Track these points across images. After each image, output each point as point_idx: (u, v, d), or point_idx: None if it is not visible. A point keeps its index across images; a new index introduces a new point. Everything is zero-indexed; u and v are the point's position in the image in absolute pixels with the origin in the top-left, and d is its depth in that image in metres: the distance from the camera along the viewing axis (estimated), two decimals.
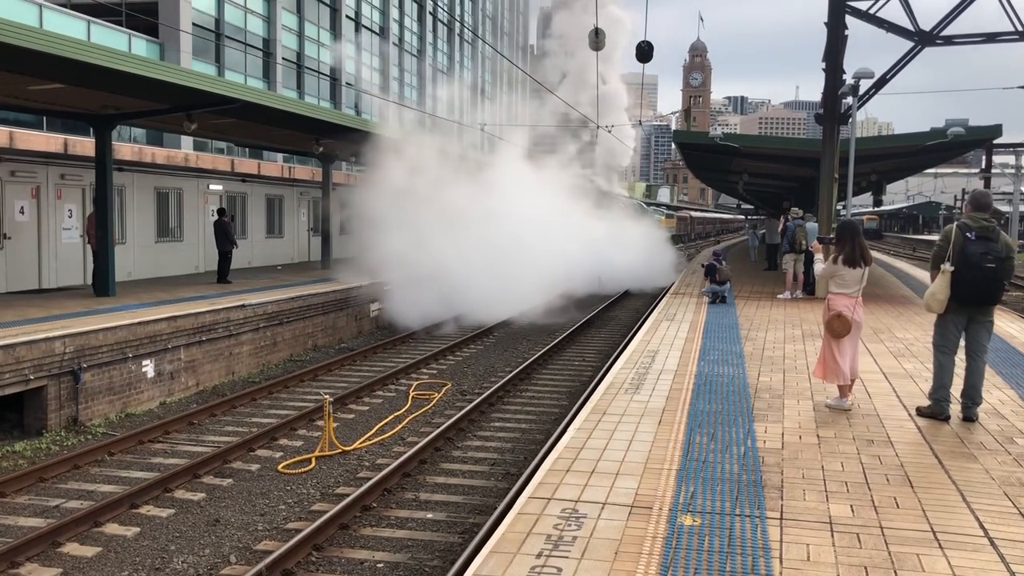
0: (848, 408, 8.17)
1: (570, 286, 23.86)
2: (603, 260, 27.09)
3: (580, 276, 24.96)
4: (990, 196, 7.87)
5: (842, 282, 8.16)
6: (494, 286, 19.81)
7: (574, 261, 24.28)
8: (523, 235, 21.12)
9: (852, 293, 8.13)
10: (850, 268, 8.08)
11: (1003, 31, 18.51)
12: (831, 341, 8.14)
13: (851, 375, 8.21)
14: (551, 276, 22.21)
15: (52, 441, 10.81)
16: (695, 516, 5.31)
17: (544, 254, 21.67)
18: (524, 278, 20.53)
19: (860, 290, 8.19)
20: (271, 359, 16.09)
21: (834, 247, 8.34)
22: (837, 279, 8.18)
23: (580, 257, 24.93)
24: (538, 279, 21.24)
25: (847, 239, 8.18)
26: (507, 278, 20.05)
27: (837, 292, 8.18)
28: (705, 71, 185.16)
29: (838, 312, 8.05)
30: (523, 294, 20.60)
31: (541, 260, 21.41)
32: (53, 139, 18.44)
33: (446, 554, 7.25)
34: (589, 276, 25.90)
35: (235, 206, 23.72)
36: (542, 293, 21.41)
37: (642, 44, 22.00)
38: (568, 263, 23.62)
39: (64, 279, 17.45)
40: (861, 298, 8.22)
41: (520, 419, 11.94)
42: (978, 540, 4.98)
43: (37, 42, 10.37)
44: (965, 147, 29.92)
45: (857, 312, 8.12)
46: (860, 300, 8.20)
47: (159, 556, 7.31)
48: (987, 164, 47.55)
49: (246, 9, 32.10)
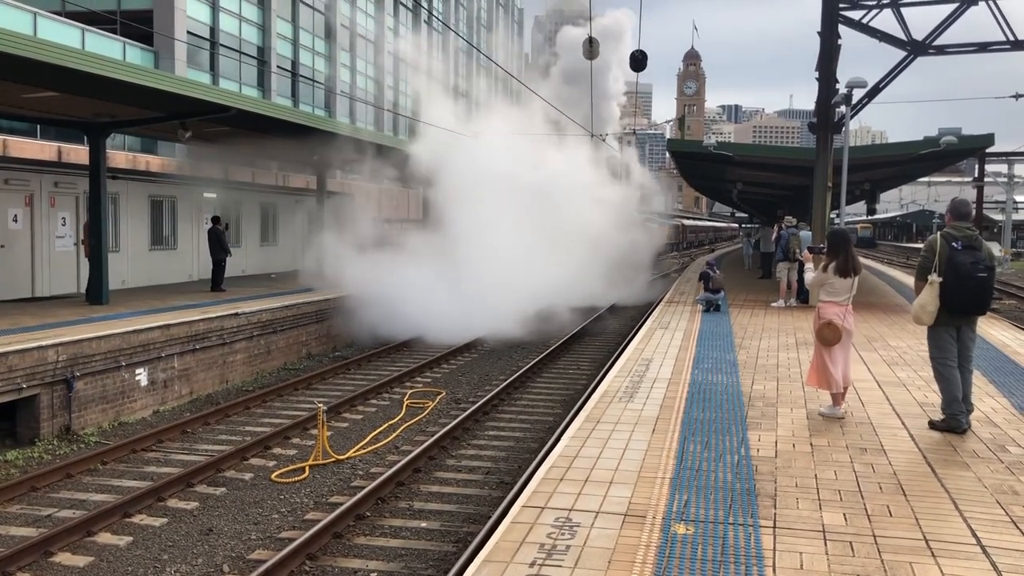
0: (841, 416, 8.20)
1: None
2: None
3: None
4: (970, 205, 7.88)
5: (832, 291, 8.21)
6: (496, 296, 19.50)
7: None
8: (515, 243, 20.76)
9: (842, 301, 8.18)
10: (841, 277, 8.13)
11: (995, 41, 18.64)
12: (823, 349, 8.18)
13: (844, 383, 8.24)
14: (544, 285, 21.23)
15: (45, 450, 10.77)
16: (688, 525, 5.31)
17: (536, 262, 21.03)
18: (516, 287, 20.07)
19: (850, 298, 8.23)
20: (265, 367, 16.06)
21: (825, 256, 8.38)
22: (827, 288, 8.24)
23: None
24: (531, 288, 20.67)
25: (839, 249, 8.22)
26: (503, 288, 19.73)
27: (827, 300, 8.24)
28: (699, 80, 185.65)
29: (828, 320, 8.10)
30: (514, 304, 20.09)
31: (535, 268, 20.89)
32: (47, 147, 18.43)
33: (440, 563, 7.23)
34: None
35: (230, 214, 23.67)
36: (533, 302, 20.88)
37: (636, 53, 22.11)
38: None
39: (58, 287, 17.38)
40: (851, 306, 8.27)
41: (514, 428, 11.92)
42: (971, 548, 4.98)
43: (31, 50, 10.37)
44: (958, 156, 30.10)
45: (847, 320, 8.16)
46: (850, 308, 8.25)
47: (152, 565, 7.28)
48: (980, 173, 47.79)
49: (241, 17, 32.13)
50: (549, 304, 21.02)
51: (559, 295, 21.62)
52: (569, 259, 22.71)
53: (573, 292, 22.47)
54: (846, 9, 18.48)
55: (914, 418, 8.18)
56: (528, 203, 21.53)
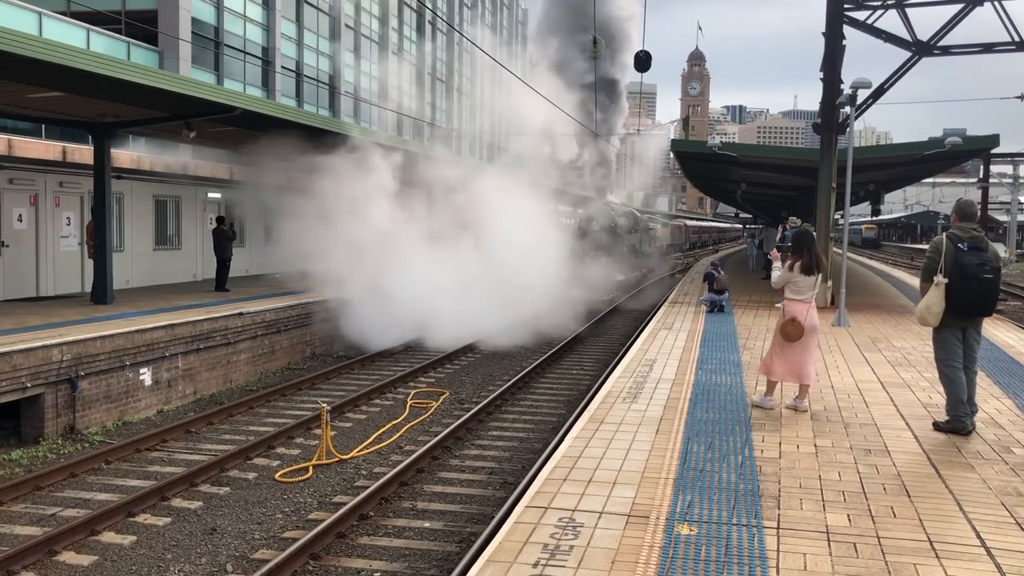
0: (771, 408, 8.51)
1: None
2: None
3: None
4: (976, 205, 7.87)
5: (797, 288, 8.48)
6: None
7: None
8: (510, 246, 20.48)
9: (807, 299, 8.45)
10: (805, 276, 8.40)
11: (1000, 41, 18.58)
12: (778, 343, 8.50)
13: (806, 378, 8.47)
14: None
15: (49, 449, 10.79)
16: (692, 525, 5.31)
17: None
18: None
19: (814, 296, 8.50)
20: (269, 367, 16.08)
21: (791, 255, 8.61)
22: (792, 286, 8.51)
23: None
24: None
25: (803, 248, 8.51)
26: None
27: (792, 298, 8.52)
28: (704, 80, 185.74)
29: (793, 317, 8.37)
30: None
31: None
32: (52, 147, 18.44)
33: (443, 563, 7.23)
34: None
35: (233, 214, 23.70)
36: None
37: (640, 54, 22.10)
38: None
39: (62, 287, 17.44)
40: (815, 303, 8.53)
41: (518, 428, 11.92)
42: (975, 550, 4.97)
43: (37, 50, 10.38)
44: (963, 157, 30.07)
45: (811, 317, 8.40)
46: (814, 305, 8.50)
47: (156, 565, 7.29)
48: (985, 174, 47.62)
49: (245, 18, 32.16)
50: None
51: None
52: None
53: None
54: (851, 10, 18.44)
55: (918, 419, 8.17)
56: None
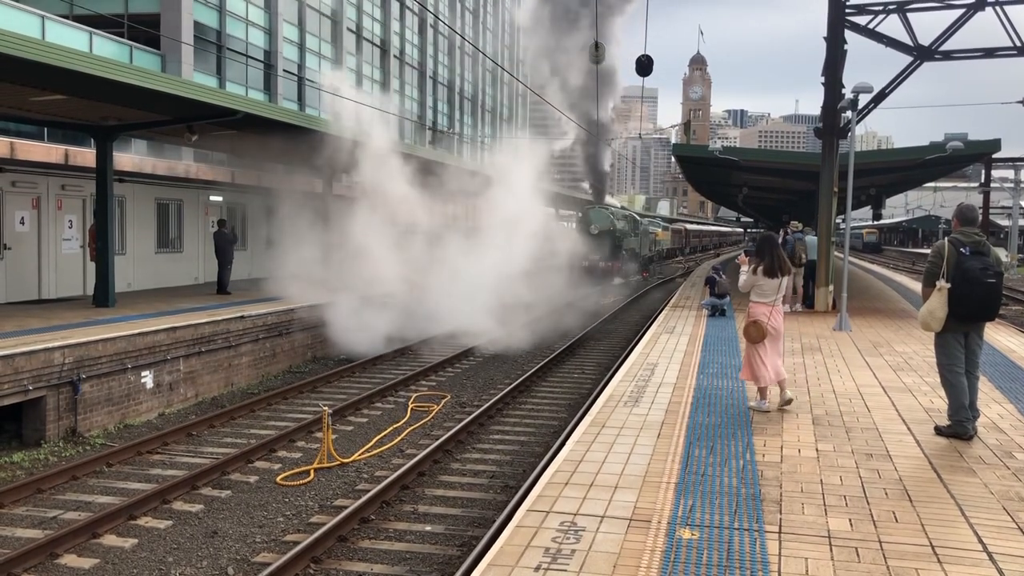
0: (767, 410, 8.53)
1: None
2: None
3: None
4: (977, 210, 7.87)
5: (761, 292, 8.63)
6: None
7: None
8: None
9: (770, 302, 8.59)
10: (769, 278, 8.53)
11: (1002, 46, 18.56)
12: (751, 346, 8.57)
13: (776, 377, 8.57)
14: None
15: (50, 452, 10.79)
16: (693, 530, 5.31)
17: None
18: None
19: (778, 299, 8.64)
20: (270, 370, 16.08)
21: (754, 259, 8.72)
22: (757, 288, 8.64)
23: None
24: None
25: (766, 252, 8.64)
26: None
27: (756, 301, 8.66)
28: (705, 84, 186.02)
29: (755, 319, 8.51)
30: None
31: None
32: (54, 150, 18.48)
33: (445, 567, 7.23)
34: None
35: (235, 217, 23.73)
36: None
37: (642, 58, 22.09)
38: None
39: (64, 289, 17.45)
40: (779, 306, 8.68)
41: (519, 432, 11.92)
42: (977, 555, 4.97)
43: (40, 53, 10.41)
44: (964, 161, 30.01)
45: (774, 319, 8.53)
46: (778, 308, 8.64)
47: (157, 568, 7.29)
48: (986, 178, 47.66)
49: (247, 21, 32.22)
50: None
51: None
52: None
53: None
54: (852, 15, 18.44)
55: (920, 424, 8.16)
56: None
